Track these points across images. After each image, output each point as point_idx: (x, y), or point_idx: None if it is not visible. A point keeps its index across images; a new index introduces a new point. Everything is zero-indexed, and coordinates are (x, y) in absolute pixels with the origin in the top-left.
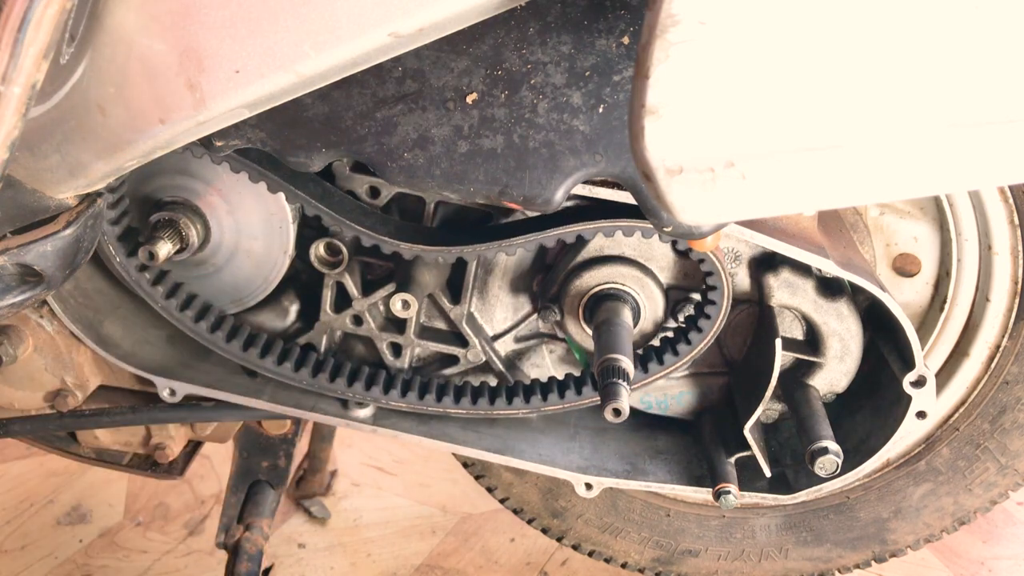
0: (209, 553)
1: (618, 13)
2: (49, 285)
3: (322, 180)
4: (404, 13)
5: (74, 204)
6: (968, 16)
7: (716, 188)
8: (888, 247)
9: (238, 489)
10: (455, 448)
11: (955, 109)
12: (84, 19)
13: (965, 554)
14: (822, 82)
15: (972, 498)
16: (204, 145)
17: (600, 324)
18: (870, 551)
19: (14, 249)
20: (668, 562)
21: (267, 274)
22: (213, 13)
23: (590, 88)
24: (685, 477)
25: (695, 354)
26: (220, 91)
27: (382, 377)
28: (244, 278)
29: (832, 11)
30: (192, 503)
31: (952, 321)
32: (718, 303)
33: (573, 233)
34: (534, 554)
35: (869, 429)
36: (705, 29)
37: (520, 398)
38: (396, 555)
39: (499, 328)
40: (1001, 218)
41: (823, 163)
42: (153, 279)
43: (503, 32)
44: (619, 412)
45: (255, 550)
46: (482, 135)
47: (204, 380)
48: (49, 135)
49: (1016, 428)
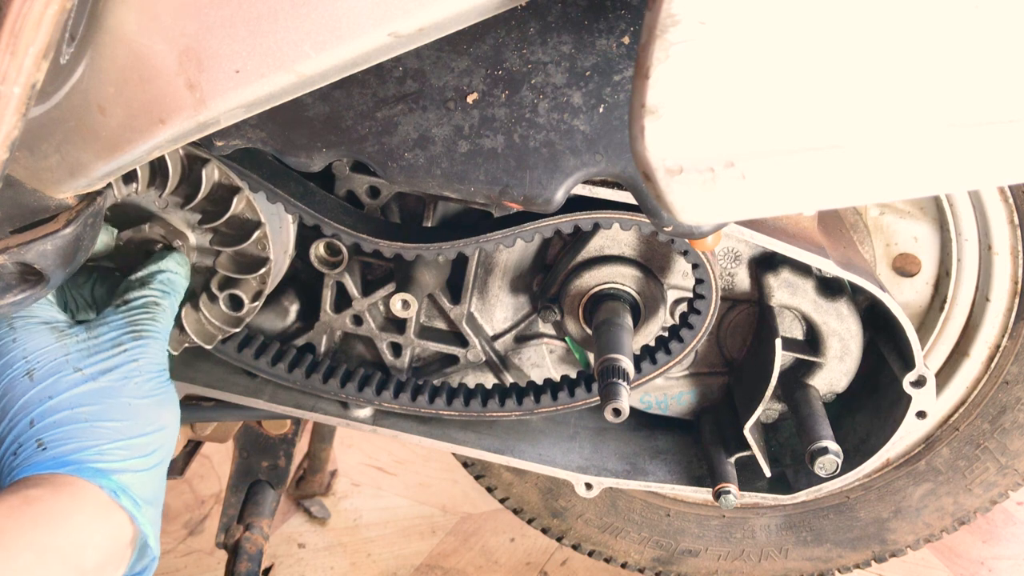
0: (209, 553)
1: (618, 13)
2: (49, 284)
3: (304, 179)
4: (404, 13)
5: (74, 203)
6: (968, 16)
7: (716, 188)
8: (888, 247)
9: (238, 489)
10: (455, 448)
11: (955, 109)
12: (84, 19)
13: (965, 554)
14: (822, 82)
15: (972, 498)
16: (204, 145)
17: (600, 324)
18: (870, 551)
19: (14, 248)
20: (668, 562)
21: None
22: (213, 13)
23: (590, 88)
24: (685, 477)
25: (689, 351)
26: (220, 91)
27: (375, 379)
28: None
29: (832, 11)
30: (192, 503)
31: (952, 321)
32: (707, 297)
33: (571, 223)
34: (534, 554)
35: (869, 429)
36: (705, 29)
37: (513, 400)
38: (396, 555)
39: (499, 328)
40: (1001, 218)
41: (823, 163)
42: None
43: (503, 32)
44: (619, 412)
45: (255, 550)
46: (483, 135)
47: (204, 380)
48: (49, 135)
49: (1016, 428)
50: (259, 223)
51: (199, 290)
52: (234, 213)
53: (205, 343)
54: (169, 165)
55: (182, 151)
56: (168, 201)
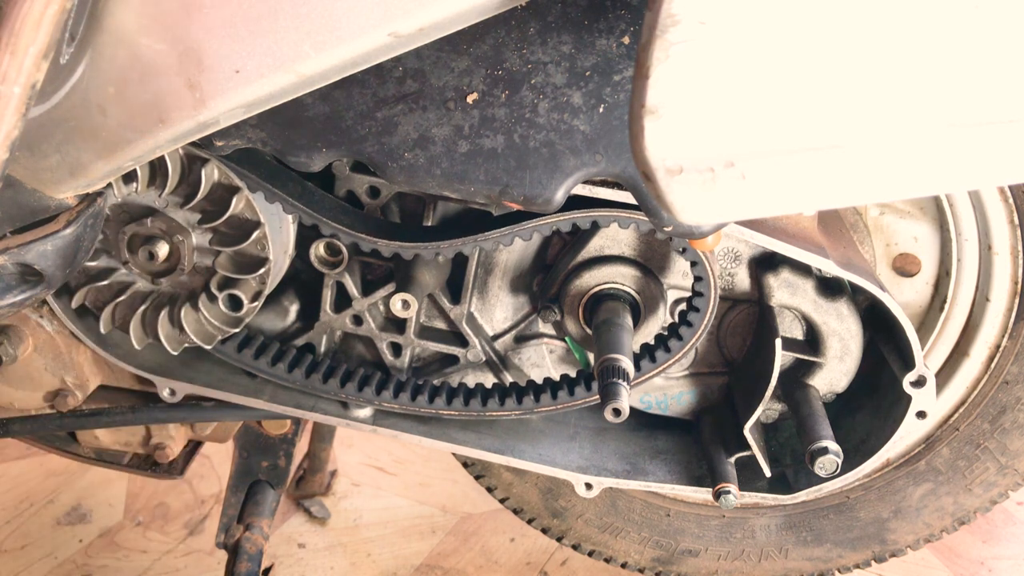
0: (209, 553)
1: (618, 13)
2: (49, 284)
3: (303, 179)
4: (404, 13)
5: (74, 204)
6: (968, 16)
7: (716, 188)
8: (888, 247)
9: (238, 489)
10: (455, 448)
11: (955, 109)
12: (84, 19)
13: (965, 554)
14: (822, 82)
15: (972, 498)
16: (204, 145)
17: (600, 324)
18: (870, 551)
19: (14, 248)
20: (668, 562)
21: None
22: (213, 13)
23: (590, 88)
24: (685, 477)
25: (688, 349)
26: (220, 91)
27: (375, 379)
28: None
29: (832, 11)
30: (192, 503)
31: (952, 321)
32: (706, 295)
33: (569, 221)
34: (534, 554)
35: (869, 429)
36: (705, 29)
37: (512, 399)
38: (396, 555)
39: (499, 328)
40: (1001, 218)
41: (823, 163)
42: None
43: (503, 32)
44: (619, 412)
45: (255, 550)
46: (483, 135)
47: (204, 380)
48: (49, 135)
49: (1016, 428)
50: (258, 223)
51: (199, 290)
52: (233, 213)
53: (204, 343)
54: (169, 165)
55: (182, 151)
56: (168, 201)
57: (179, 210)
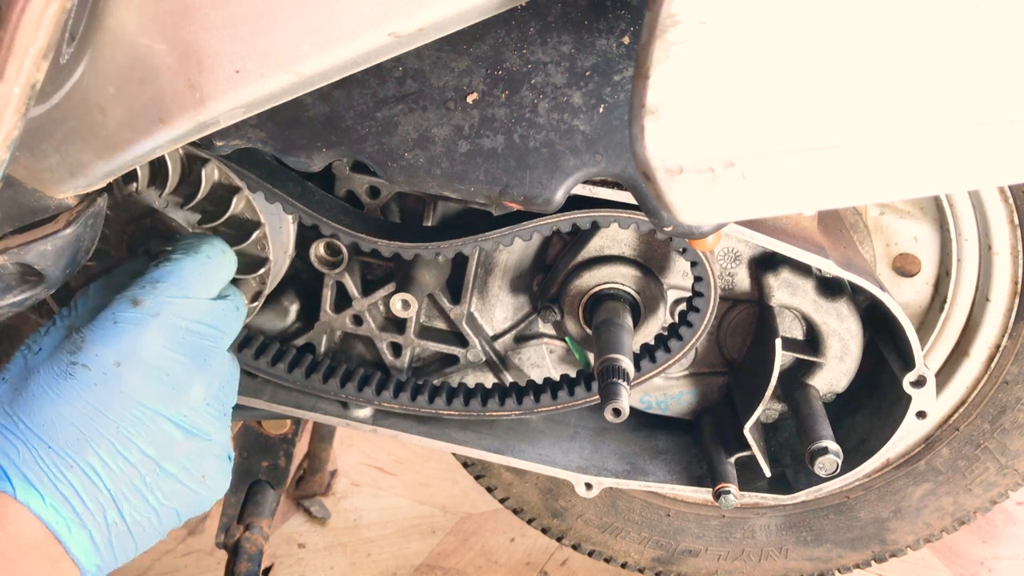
0: (209, 553)
1: (618, 13)
2: (49, 285)
3: (303, 179)
4: (404, 13)
5: (74, 204)
6: (968, 16)
7: (716, 188)
8: (888, 247)
9: (238, 489)
10: (455, 448)
11: (955, 109)
12: (84, 19)
13: (965, 554)
14: (822, 82)
15: (972, 498)
16: (204, 145)
17: (600, 324)
18: (870, 551)
19: (14, 248)
20: (668, 562)
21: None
22: (213, 13)
23: (590, 88)
24: (685, 477)
25: (688, 348)
26: (220, 91)
27: (375, 379)
28: None
29: (832, 11)
30: None
31: (952, 321)
32: (706, 295)
33: (569, 221)
34: (534, 554)
35: (869, 429)
36: (705, 29)
37: (512, 399)
38: (396, 555)
39: (499, 328)
40: (1001, 218)
41: (823, 163)
42: None
43: (503, 32)
44: (619, 412)
45: (255, 550)
46: (482, 135)
47: None
48: (49, 135)
49: (1016, 428)
50: (258, 223)
51: None
52: (233, 213)
53: None
54: (169, 165)
55: (182, 151)
56: (168, 201)
57: (179, 210)
